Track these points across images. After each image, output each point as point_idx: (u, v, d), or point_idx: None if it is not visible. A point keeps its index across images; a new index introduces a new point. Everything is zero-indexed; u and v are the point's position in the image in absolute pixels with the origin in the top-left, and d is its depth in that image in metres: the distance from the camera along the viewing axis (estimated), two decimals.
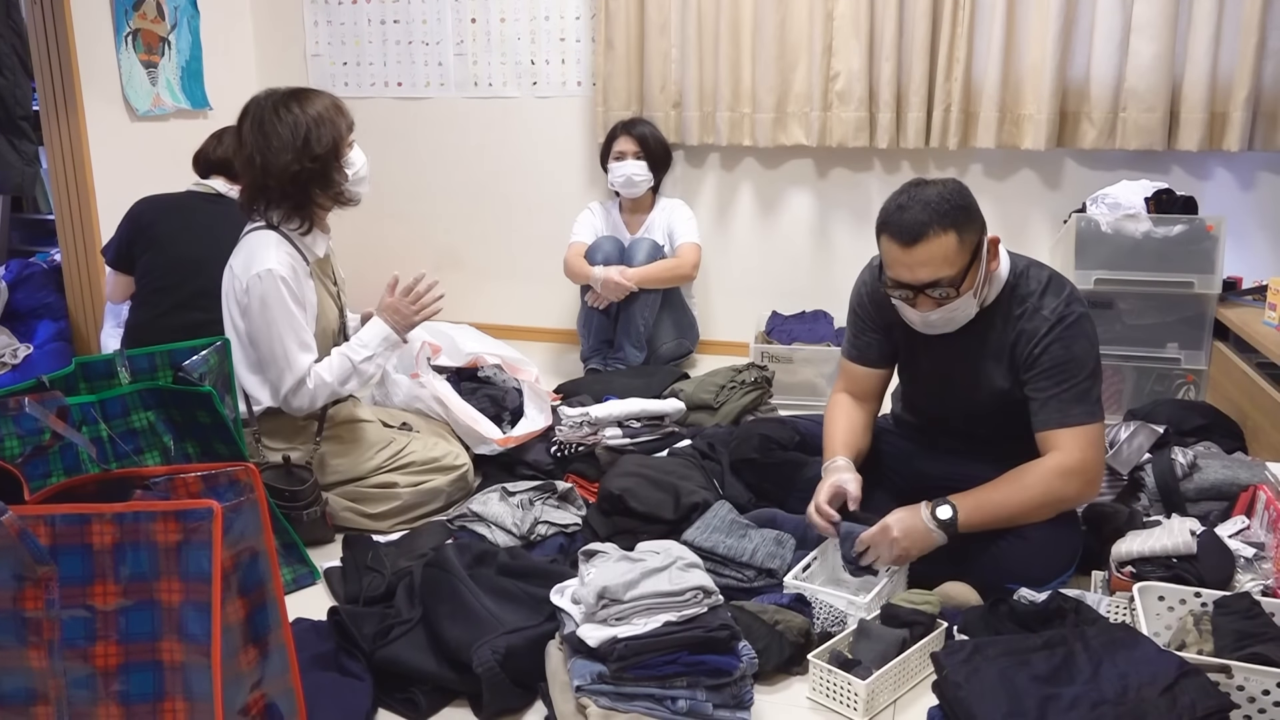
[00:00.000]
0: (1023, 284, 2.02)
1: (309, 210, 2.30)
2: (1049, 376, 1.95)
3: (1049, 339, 1.95)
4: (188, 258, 2.80)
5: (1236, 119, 3.16)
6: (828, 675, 1.70)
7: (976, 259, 1.93)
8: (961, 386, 2.11)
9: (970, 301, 1.96)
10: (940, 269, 1.88)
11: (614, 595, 1.62)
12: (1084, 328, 1.97)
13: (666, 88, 3.75)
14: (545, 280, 4.07)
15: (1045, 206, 3.59)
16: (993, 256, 1.98)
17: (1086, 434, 1.93)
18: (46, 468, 1.63)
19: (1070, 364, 1.94)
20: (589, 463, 2.59)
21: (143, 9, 3.72)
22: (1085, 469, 1.93)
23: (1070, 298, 1.99)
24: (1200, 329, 3.02)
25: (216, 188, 2.96)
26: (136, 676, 1.18)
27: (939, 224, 1.86)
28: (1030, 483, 1.92)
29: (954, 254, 1.88)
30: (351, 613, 1.87)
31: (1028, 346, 1.98)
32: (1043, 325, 1.97)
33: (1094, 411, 1.95)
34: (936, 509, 1.90)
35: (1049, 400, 1.95)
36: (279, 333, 2.21)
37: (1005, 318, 2.02)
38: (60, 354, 3.48)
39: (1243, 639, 1.59)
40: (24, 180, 3.68)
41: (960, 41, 3.39)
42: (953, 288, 1.90)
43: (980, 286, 1.96)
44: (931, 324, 1.99)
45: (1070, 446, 1.92)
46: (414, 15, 4.12)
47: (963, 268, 1.90)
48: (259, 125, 2.24)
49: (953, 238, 1.86)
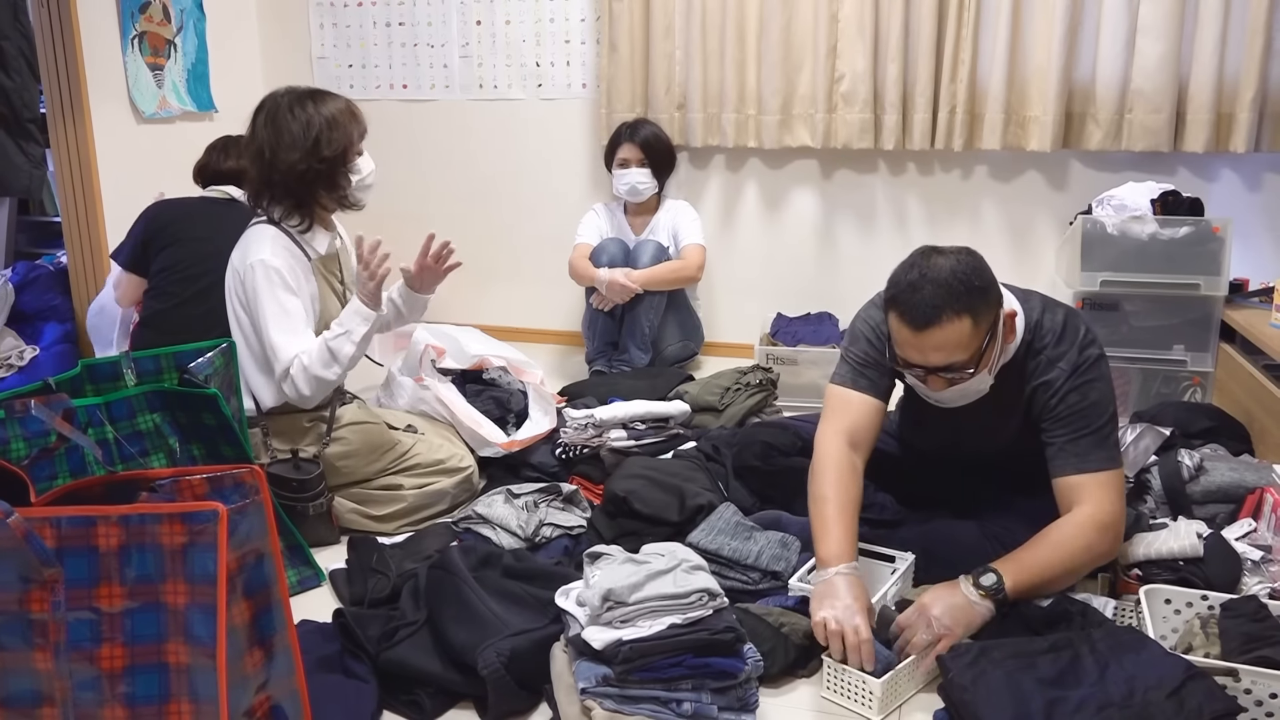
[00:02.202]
0: (1038, 339, 1.92)
1: (310, 209, 2.32)
2: (1066, 424, 1.87)
3: (1065, 387, 1.88)
4: (208, 251, 2.82)
5: (1243, 120, 3.15)
6: (841, 674, 1.69)
7: (993, 338, 1.82)
8: (972, 436, 2.06)
9: (985, 378, 1.86)
10: (953, 354, 1.77)
11: (619, 597, 1.62)
12: (1100, 371, 1.89)
13: (671, 90, 3.75)
14: (550, 282, 4.07)
15: (1051, 208, 3.58)
16: (1009, 330, 1.87)
17: (1112, 481, 1.85)
18: (52, 470, 1.64)
19: (1088, 410, 1.86)
20: (594, 465, 2.59)
21: (149, 12, 3.73)
22: (1117, 521, 1.84)
23: (1085, 342, 1.90)
24: (1206, 331, 3.01)
25: (230, 193, 2.98)
26: (142, 678, 1.19)
27: (952, 308, 1.73)
28: (1068, 539, 1.80)
29: (968, 339, 1.76)
30: (356, 615, 1.87)
31: (1045, 396, 1.90)
32: (1060, 376, 1.88)
33: (1114, 457, 1.87)
34: (980, 577, 1.74)
35: (1066, 446, 1.87)
36: (265, 322, 2.23)
37: (1020, 374, 1.93)
38: (66, 356, 3.49)
39: (1250, 642, 1.59)
40: (31, 183, 3.69)
41: (965, 43, 3.38)
42: (967, 370, 1.80)
43: (995, 363, 1.87)
44: (945, 400, 1.90)
45: (1099, 497, 1.82)
46: (419, 18, 4.13)
47: (977, 350, 1.79)
48: (272, 120, 2.27)
49: (967, 323, 1.74)
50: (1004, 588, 1.73)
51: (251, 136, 2.30)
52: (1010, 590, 1.74)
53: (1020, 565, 1.77)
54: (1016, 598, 1.75)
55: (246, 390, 2.30)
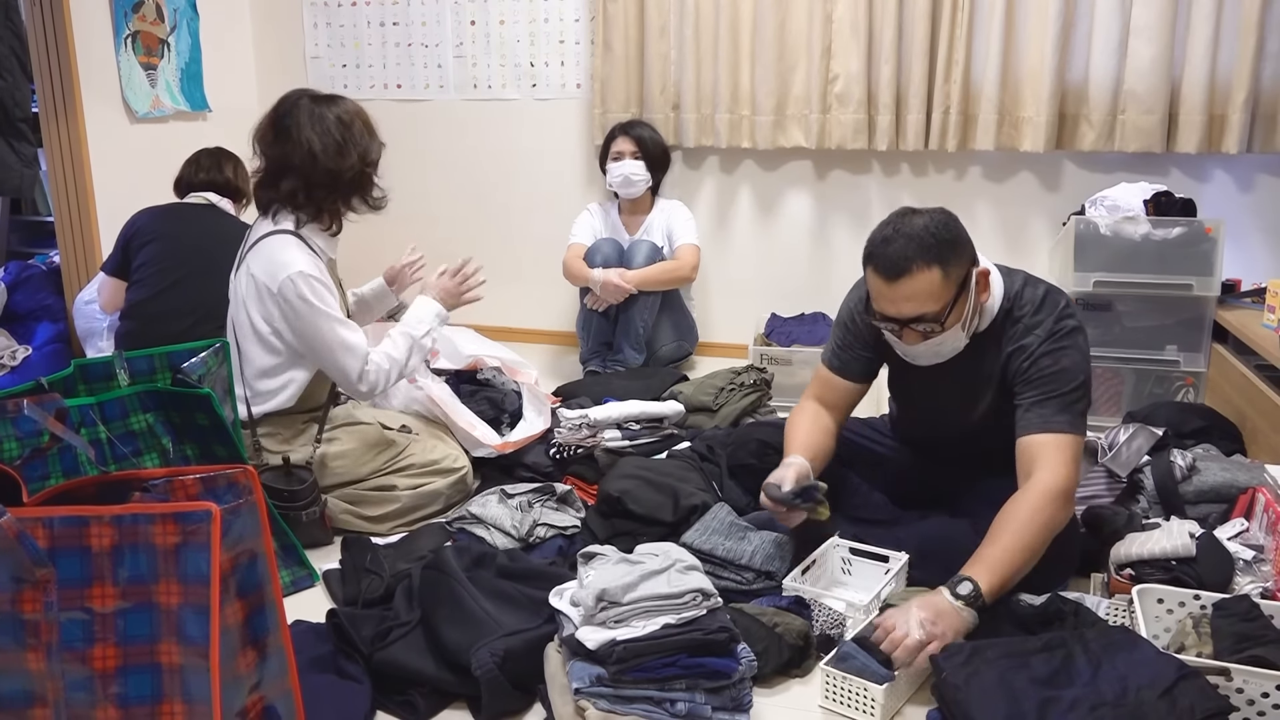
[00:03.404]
0: (1017, 307, 1.97)
1: (340, 212, 2.34)
2: (1035, 386, 1.91)
3: (1039, 351, 1.92)
4: (184, 247, 2.94)
5: (1235, 121, 3.16)
6: (842, 683, 1.67)
7: (964, 292, 1.89)
8: (953, 411, 2.09)
9: (958, 334, 1.93)
10: (924, 304, 1.85)
11: (613, 598, 1.62)
12: (1076, 341, 1.93)
13: (665, 90, 3.75)
14: (544, 282, 4.07)
15: (1044, 209, 3.59)
16: (982, 289, 1.93)
17: (1071, 446, 1.86)
18: (45, 470, 1.63)
19: (1058, 375, 1.89)
20: (588, 465, 2.59)
21: (142, 11, 3.72)
22: (1071, 489, 1.84)
23: (1063, 313, 1.94)
24: (1199, 331, 3.02)
25: (209, 198, 3.09)
26: (135, 679, 1.18)
27: (923, 259, 1.82)
28: (1028, 521, 1.79)
29: (938, 290, 1.84)
30: (350, 615, 1.86)
31: (1018, 361, 1.94)
32: (1034, 342, 1.93)
33: (1078, 425, 1.88)
34: (957, 587, 1.72)
35: (1033, 406, 1.90)
36: (329, 325, 2.24)
37: (998, 343, 1.98)
38: (59, 356, 3.48)
39: (1242, 641, 1.59)
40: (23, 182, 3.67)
41: (959, 44, 3.39)
42: (937, 323, 1.87)
43: (969, 319, 1.92)
44: (917, 356, 1.97)
45: (1056, 462, 1.83)
46: (413, 17, 4.13)
47: (947, 302, 1.86)
48: (318, 123, 2.24)
49: (936, 273, 1.82)
50: (981, 594, 1.72)
51: (288, 139, 2.24)
52: (987, 594, 1.72)
53: (990, 566, 1.75)
54: (993, 598, 1.74)
55: (241, 397, 2.29)
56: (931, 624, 1.66)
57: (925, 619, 1.66)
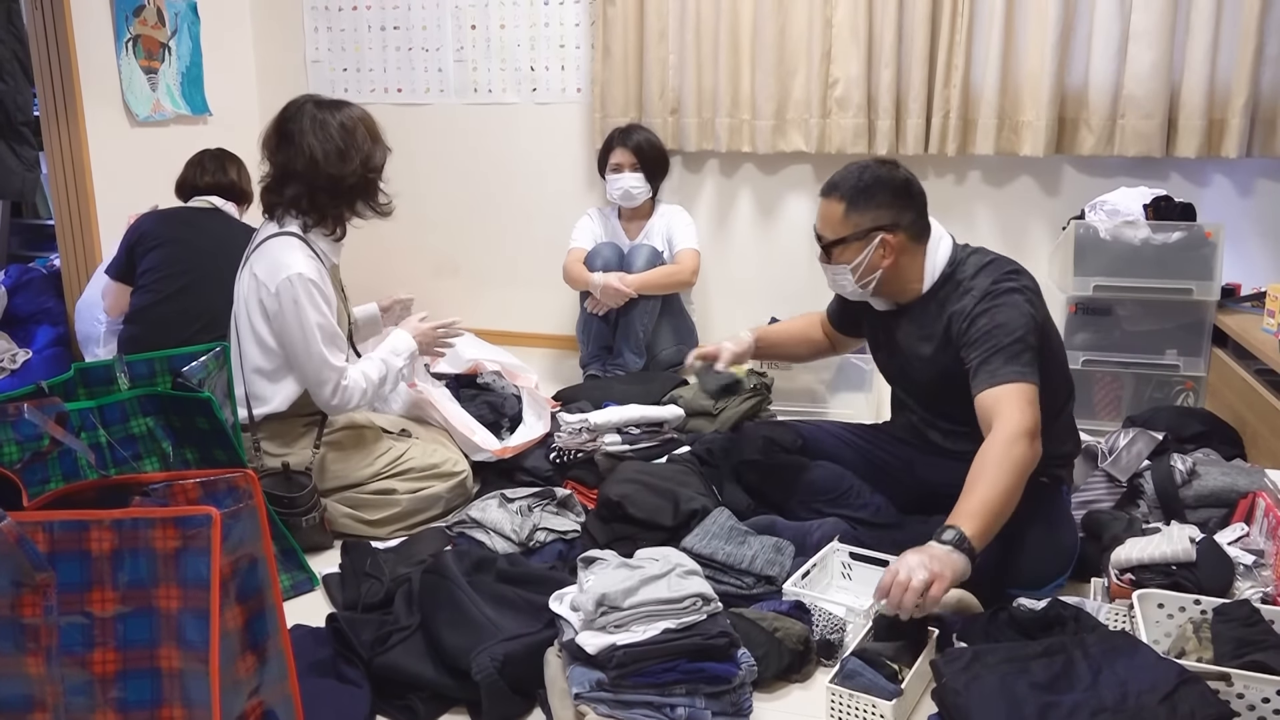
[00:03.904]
0: (959, 271, 2.11)
1: (344, 217, 2.34)
2: (977, 346, 1.98)
3: (975, 310, 2.01)
4: (190, 252, 2.94)
5: (1235, 125, 3.17)
6: (849, 700, 1.64)
7: (860, 241, 2.08)
8: (912, 372, 2.20)
9: (846, 273, 2.13)
10: (824, 228, 2.13)
11: (613, 602, 1.62)
12: (1013, 299, 2.00)
13: (665, 94, 3.75)
14: (544, 286, 4.07)
15: (1044, 213, 3.59)
16: (885, 255, 2.09)
17: (1023, 392, 1.90)
18: (45, 474, 1.63)
19: (996, 330, 1.96)
20: (588, 469, 2.59)
21: (143, 15, 3.72)
22: (1034, 428, 1.87)
23: (1002, 276, 2.04)
24: (1199, 336, 3.02)
25: (214, 202, 3.08)
26: (134, 683, 1.18)
27: (838, 191, 2.09)
28: (1000, 463, 1.82)
29: (836, 222, 2.10)
30: (350, 619, 1.86)
31: (958, 323, 2.04)
32: (970, 303, 2.03)
33: (1025, 374, 1.92)
34: (941, 535, 1.74)
35: (979, 365, 1.96)
36: (314, 334, 2.23)
37: (941, 303, 2.10)
38: (59, 359, 3.48)
39: (1242, 646, 1.59)
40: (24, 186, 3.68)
41: (959, 48, 3.39)
42: (826, 250, 2.13)
43: (863, 270, 2.11)
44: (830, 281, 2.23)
45: (1012, 408, 1.87)
46: (414, 22, 4.13)
47: (839, 237, 2.10)
48: (320, 128, 2.25)
49: (840, 208, 2.08)
50: (966, 538, 1.73)
51: (293, 145, 2.25)
52: (973, 538, 1.73)
53: (972, 513, 1.77)
54: (981, 542, 1.75)
55: (241, 399, 2.29)
56: (929, 564, 1.66)
57: (922, 560, 1.67)
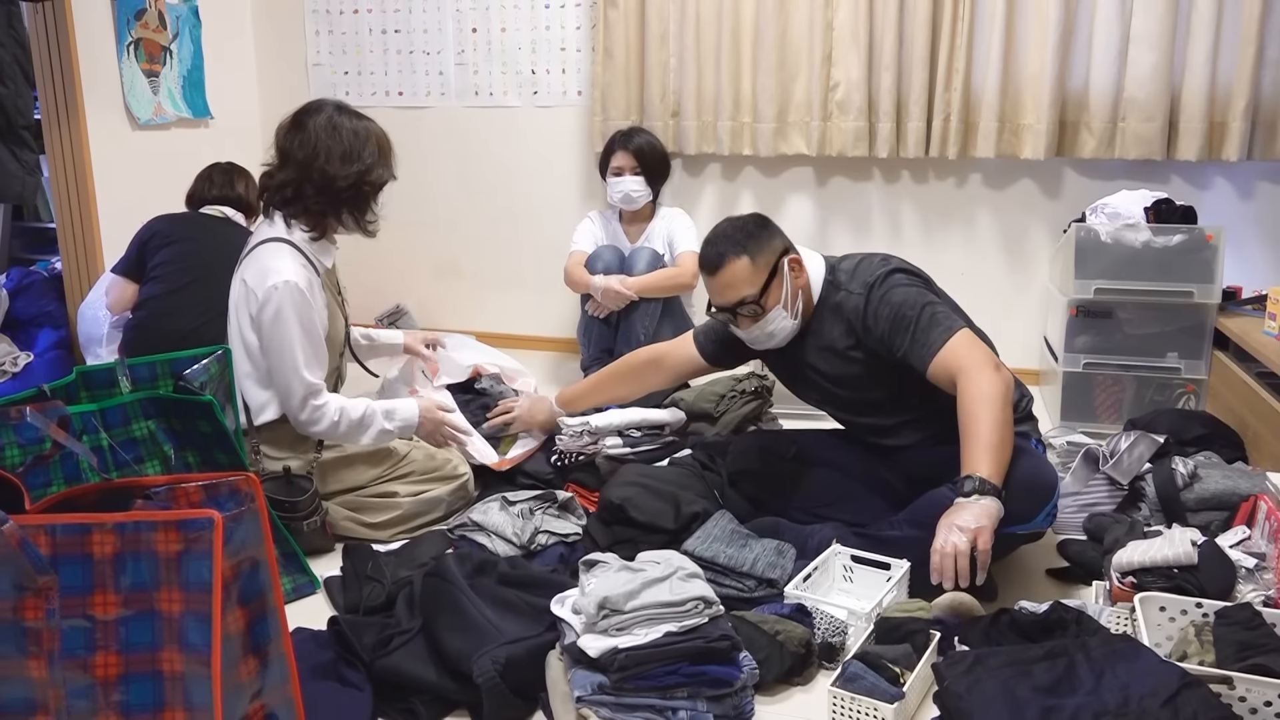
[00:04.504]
0: (836, 275, 2.20)
1: (328, 222, 2.32)
2: (895, 333, 2.06)
3: (870, 306, 2.10)
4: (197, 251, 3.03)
5: (1235, 129, 3.17)
6: (850, 703, 1.64)
7: (777, 276, 2.14)
8: (833, 382, 2.23)
9: (782, 315, 2.16)
10: (741, 289, 2.13)
11: (615, 605, 1.62)
12: (893, 280, 2.11)
13: (666, 97, 3.75)
14: (545, 289, 4.07)
15: (1045, 216, 3.59)
16: (797, 273, 2.17)
17: (957, 342, 2.00)
18: (47, 477, 1.63)
19: (898, 311, 2.06)
20: (589, 472, 2.59)
21: (145, 18, 3.73)
22: (985, 362, 1.96)
23: (876, 266, 2.15)
24: (1200, 338, 3.02)
25: (226, 212, 3.17)
26: (136, 687, 1.18)
27: (732, 251, 2.12)
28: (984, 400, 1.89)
29: (749, 275, 2.12)
30: (351, 622, 1.86)
31: (860, 324, 2.12)
32: (859, 301, 2.12)
33: (949, 327, 2.02)
34: (962, 486, 1.83)
35: (910, 348, 2.04)
36: (290, 345, 2.21)
37: (832, 309, 2.19)
38: (61, 362, 3.48)
39: (1244, 650, 1.59)
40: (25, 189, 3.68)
41: (960, 51, 3.40)
42: (757, 304, 2.13)
43: (790, 300, 2.16)
44: (755, 340, 2.22)
45: (962, 355, 1.98)
46: (415, 25, 4.14)
47: (760, 286, 2.12)
48: (335, 128, 2.26)
49: (745, 261, 2.11)
50: (985, 480, 1.82)
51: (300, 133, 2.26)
52: (990, 477, 1.82)
53: (980, 455, 1.85)
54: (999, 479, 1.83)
55: (240, 403, 2.29)
56: (964, 525, 1.76)
57: (956, 524, 1.76)
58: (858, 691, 1.63)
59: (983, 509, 1.79)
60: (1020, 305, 3.68)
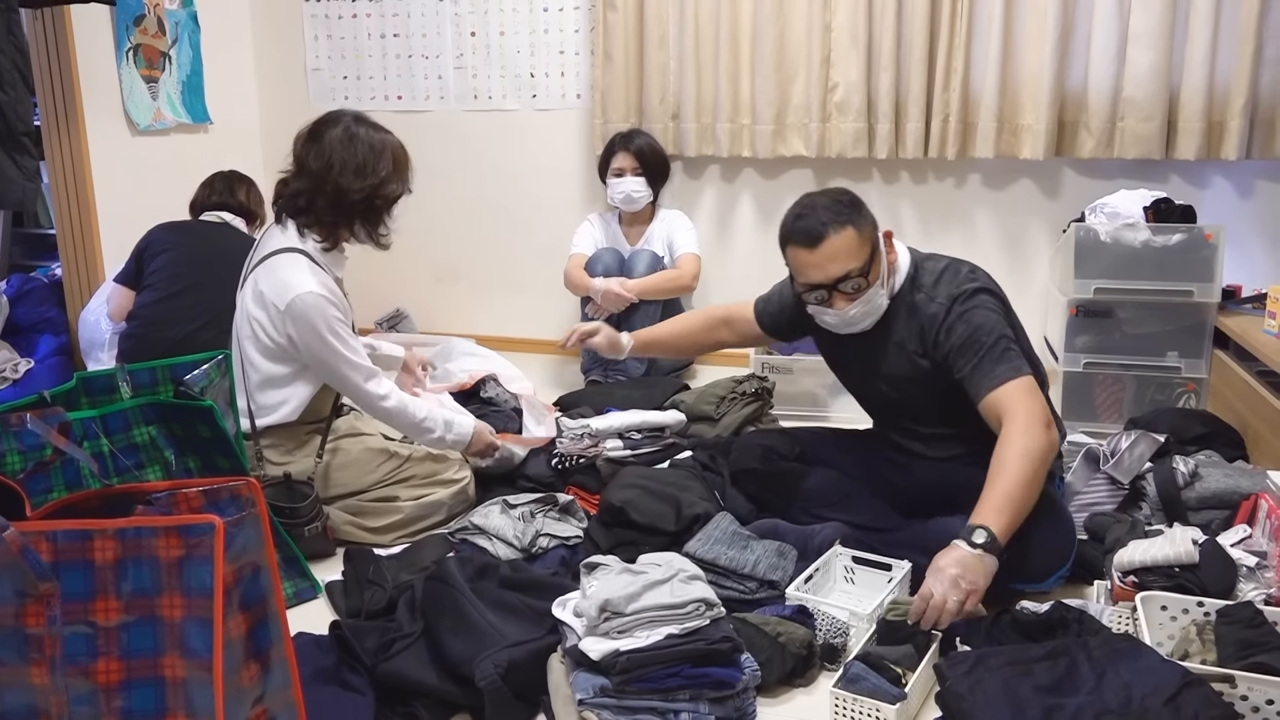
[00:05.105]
0: (920, 274, 2.14)
1: (339, 233, 2.33)
2: (963, 354, 2.02)
3: (949, 319, 2.05)
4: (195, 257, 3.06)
5: (1234, 128, 3.17)
6: (853, 704, 1.63)
7: (876, 251, 2.07)
8: (884, 379, 2.19)
9: (880, 292, 2.09)
10: (848, 262, 2.03)
11: (616, 608, 1.62)
12: (979, 300, 2.06)
13: (665, 100, 3.76)
14: (545, 292, 4.08)
15: (1044, 216, 3.59)
16: (890, 249, 2.11)
17: (1025, 385, 1.96)
18: (48, 483, 1.63)
19: (975, 333, 2.02)
20: (590, 475, 2.59)
21: (144, 24, 3.73)
22: (1039, 416, 1.92)
23: (963, 280, 2.09)
24: (1200, 337, 3.02)
25: (224, 218, 3.21)
26: (138, 692, 1.18)
27: (836, 221, 2.03)
28: (1021, 454, 1.86)
29: (856, 246, 2.03)
30: (353, 627, 1.86)
31: (933, 334, 2.07)
32: (940, 311, 2.07)
33: (1018, 367, 1.99)
34: (972, 536, 1.77)
35: (971, 372, 2.01)
36: (331, 348, 2.24)
37: (909, 307, 2.12)
38: (61, 368, 3.48)
39: (1246, 648, 1.59)
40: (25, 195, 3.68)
41: (958, 52, 3.40)
42: (863, 277, 2.05)
43: (885, 277, 2.09)
44: (851, 320, 2.10)
45: (1020, 402, 1.93)
46: (414, 29, 4.14)
47: (866, 259, 2.05)
48: (351, 140, 2.26)
49: (851, 231, 2.03)
50: (995, 536, 1.77)
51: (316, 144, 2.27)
52: (999, 535, 1.78)
53: (996, 508, 1.81)
54: (1006, 536, 1.80)
55: (243, 410, 2.30)
56: (964, 580, 1.72)
57: (957, 576, 1.72)
58: (860, 692, 1.63)
59: (984, 568, 1.75)
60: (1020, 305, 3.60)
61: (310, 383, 2.33)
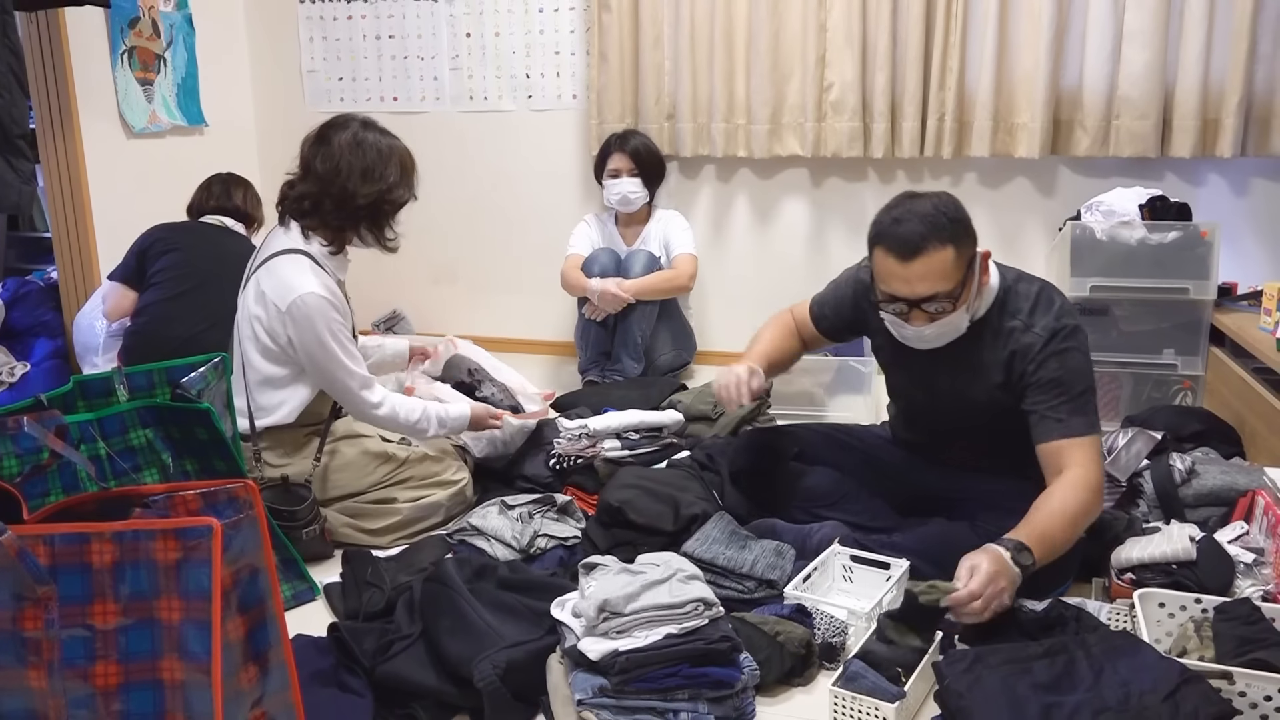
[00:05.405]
0: (1011, 299, 2.01)
1: (345, 236, 2.33)
2: (1046, 391, 1.93)
3: (1043, 355, 1.94)
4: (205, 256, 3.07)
5: (1229, 125, 3.17)
6: (852, 703, 1.63)
7: (970, 274, 1.92)
8: (949, 397, 2.10)
9: (963, 316, 1.95)
10: (938, 283, 1.87)
11: (614, 608, 1.62)
12: (1077, 341, 1.96)
13: (660, 100, 3.76)
14: (542, 292, 4.08)
15: (1040, 214, 3.60)
16: (984, 271, 1.98)
17: (1094, 445, 1.92)
18: (45, 487, 1.63)
19: (1067, 377, 1.93)
20: (588, 475, 2.59)
21: (139, 27, 3.73)
22: (1101, 483, 1.90)
23: (1061, 311, 1.97)
24: (1196, 335, 3.02)
25: (225, 222, 3.21)
26: (137, 696, 1.18)
27: (937, 238, 1.84)
28: (1070, 505, 1.84)
29: (951, 268, 1.86)
30: (351, 628, 1.86)
31: (1023, 364, 1.96)
32: (1036, 342, 1.95)
33: (1094, 424, 1.94)
34: (1019, 555, 1.75)
35: (1048, 414, 1.93)
36: (329, 351, 2.24)
37: (995, 332, 2.01)
38: (58, 372, 3.48)
39: (1244, 645, 1.59)
40: (21, 199, 3.67)
41: (953, 51, 3.40)
42: (950, 301, 1.90)
43: (971, 301, 1.96)
44: (925, 339, 1.98)
45: (1083, 460, 1.88)
46: (409, 30, 4.14)
47: (959, 282, 1.89)
48: (358, 144, 2.27)
49: (950, 252, 1.85)
50: (1034, 562, 1.76)
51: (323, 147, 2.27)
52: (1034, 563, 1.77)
53: (1040, 539, 1.78)
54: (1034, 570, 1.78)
55: (242, 410, 2.30)
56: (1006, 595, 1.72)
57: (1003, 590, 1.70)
58: (859, 691, 1.63)
59: (1015, 581, 1.75)
60: None
61: (309, 385, 2.33)
